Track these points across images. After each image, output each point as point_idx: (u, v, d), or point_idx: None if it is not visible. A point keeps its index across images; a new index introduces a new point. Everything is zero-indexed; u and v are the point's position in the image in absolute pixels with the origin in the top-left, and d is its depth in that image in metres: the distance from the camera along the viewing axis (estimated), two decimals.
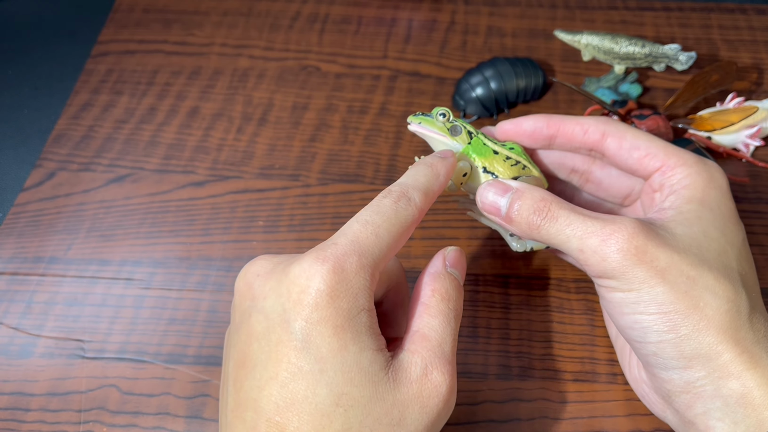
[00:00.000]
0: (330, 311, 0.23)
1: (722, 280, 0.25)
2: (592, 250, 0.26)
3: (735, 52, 0.50)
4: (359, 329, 0.23)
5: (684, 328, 0.24)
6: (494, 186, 0.29)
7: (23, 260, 0.40)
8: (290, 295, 0.23)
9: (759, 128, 0.42)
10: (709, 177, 0.28)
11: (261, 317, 0.24)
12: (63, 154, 0.45)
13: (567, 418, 0.33)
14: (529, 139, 0.32)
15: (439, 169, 0.28)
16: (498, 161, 0.31)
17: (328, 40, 0.52)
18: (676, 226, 0.26)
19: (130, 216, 0.42)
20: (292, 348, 0.23)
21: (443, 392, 0.24)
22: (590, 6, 0.54)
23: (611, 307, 0.27)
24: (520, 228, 0.28)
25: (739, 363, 0.24)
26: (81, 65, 0.51)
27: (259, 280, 0.25)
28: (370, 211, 0.25)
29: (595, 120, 0.31)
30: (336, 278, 0.23)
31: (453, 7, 0.54)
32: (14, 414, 0.34)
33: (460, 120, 0.31)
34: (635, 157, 0.30)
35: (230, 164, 0.44)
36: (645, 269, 0.25)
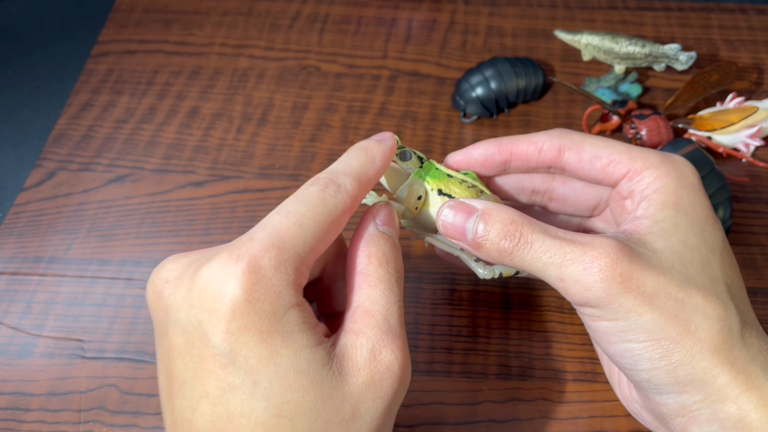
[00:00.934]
0: (251, 317, 0.20)
1: (711, 297, 0.24)
2: (574, 279, 0.24)
3: (735, 52, 0.50)
4: (289, 329, 0.21)
5: (677, 354, 0.23)
6: (456, 207, 0.26)
7: (23, 260, 0.40)
8: (203, 304, 0.21)
9: (759, 128, 0.42)
10: (679, 176, 0.26)
11: (178, 330, 0.21)
12: (63, 154, 0.45)
13: (567, 418, 0.33)
14: (482, 167, 0.30)
15: (375, 153, 0.26)
16: (453, 184, 0.28)
17: (328, 40, 0.52)
18: (656, 240, 0.25)
19: (130, 216, 0.42)
20: (218, 364, 0.20)
21: (396, 371, 0.23)
22: (590, 6, 0.54)
23: (598, 335, 0.25)
24: (489, 255, 0.26)
25: (735, 386, 0.23)
26: (81, 65, 0.51)
27: (168, 288, 0.22)
28: (293, 200, 0.23)
29: (548, 135, 0.29)
30: (252, 279, 0.21)
31: (453, 7, 0.54)
32: (14, 414, 0.34)
33: (408, 148, 0.29)
34: (598, 167, 0.28)
35: (230, 164, 0.44)
36: (632, 297, 0.23)
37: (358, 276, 0.24)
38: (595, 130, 0.44)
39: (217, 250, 0.22)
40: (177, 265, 0.23)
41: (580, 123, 0.45)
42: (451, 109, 0.47)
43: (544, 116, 0.46)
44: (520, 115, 0.46)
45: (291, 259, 0.22)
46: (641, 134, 0.41)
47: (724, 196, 0.38)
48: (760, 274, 0.38)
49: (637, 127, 0.41)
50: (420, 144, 0.45)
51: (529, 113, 0.46)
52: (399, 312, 0.24)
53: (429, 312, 0.36)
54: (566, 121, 0.46)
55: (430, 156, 0.44)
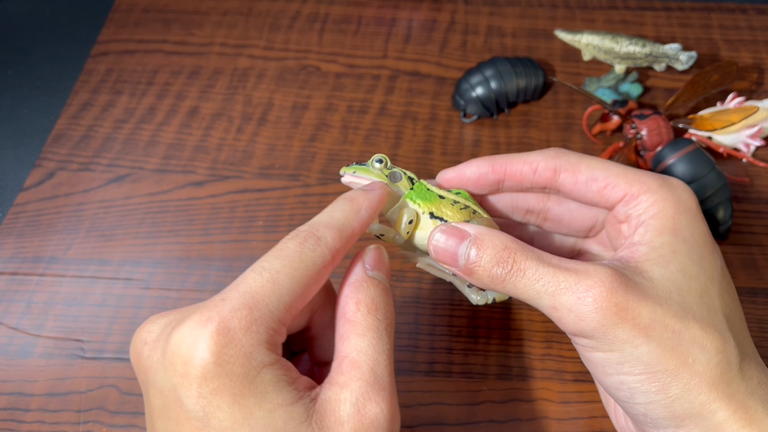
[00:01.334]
0: (222, 380, 0.20)
1: (709, 329, 0.23)
2: (567, 309, 0.23)
3: (735, 51, 0.50)
4: (263, 389, 0.21)
5: (674, 388, 0.23)
6: (448, 231, 0.26)
7: (23, 260, 0.40)
8: (176, 368, 0.21)
9: (759, 128, 0.42)
10: (677, 201, 0.26)
11: (156, 392, 0.21)
12: (63, 153, 0.45)
13: (567, 418, 0.33)
14: (474, 186, 0.29)
15: (361, 203, 0.25)
16: (445, 205, 0.28)
17: (328, 40, 0.52)
18: (653, 267, 0.24)
19: (129, 216, 0.41)
20: (194, 427, 0.20)
21: (382, 425, 0.22)
22: (590, 6, 0.54)
23: (593, 367, 0.25)
24: (481, 281, 0.25)
25: (734, 421, 0.23)
26: (81, 65, 0.51)
27: (146, 350, 0.22)
28: (270, 255, 0.23)
29: (543, 156, 0.28)
30: (222, 341, 0.20)
31: (453, 6, 0.54)
32: (13, 414, 0.34)
33: (398, 168, 0.29)
34: (594, 189, 0.27)
35: (230, 164, 0.44)
36: (627, 329, 0.23)
37: (345, 324, 0.24)
38: (596, 130, 0.44)
39: (192, 310, 0.22)
40: (155, 326, 0.23)
41: (580, 123, 0.45)
42: (451, 109, 0.47)
43: (545, 116, 0.46)
44: (520, 115, 0.46)
45: (263, 318, 0.21)
46: (641, 134, 0.41)
47: (724, 196, 0.37)
48: (761, 274, 0.38)
49: (637, 127, 0.41)
50: (420, 144, 0.45)
51: (530, 113, 0.46)
52: (388, 362, 0.23)
53: (429, 312, 0.36)
54: (566, 121, 0.46)
55: (429, 156, 0.44)
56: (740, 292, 0.37)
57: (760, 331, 0.35)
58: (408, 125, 0.46)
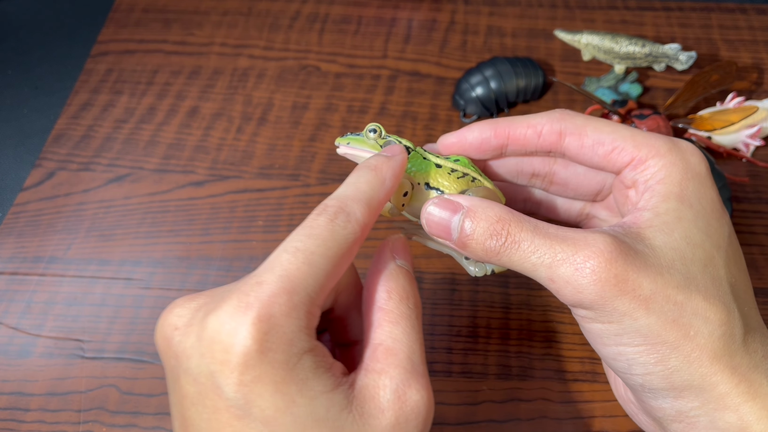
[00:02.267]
0: (264, 368, 0.20)
1: (713, 300, 0.23)
2: (565, 281, 0.23)
3: (735, 51, 0.50)
4: (304, 376, 0.20)
5: (674, 360, 0.22)
6: (441, 204, 0.25)
7: (23, 260, 0.40)
8: (214, 355, 0.20)
9: (759, 128, 0.42)
10: (685, 166, 0.25)
11: (190, 380, 0.21)
12: (63, 153, 0.45)
13: (567, 418, 0.33)
14: (477, 151, 0.28)
15: (385, 173, 0.24)
16: (442, 175, 0.27)
17: (328, 40, 0.52)
18: (656, 234, 0.23)
19: (129, 216, 0.41)
20: (233, 416, 0.20)
21: (422, 412, 0.21)
22: (590, 6, 0.54)
23: (591, 336, 0.24)
24: (475, 254, 0.24)
25: (737, 395, 0.22)
26: (81, 65, 0.51)
27: (177, 335, 0.21)
28: (302, 234, 0.22)
29: (548, 117, 0.27)
30: (264, 328, 0.20)
31: (453, 6, 0.54)
32: (13, 414, 0.34)
33: (393, 136, 0.28)
34: (600, 153, 0.26)
35: (230, 164, 0.44)
36: (627, 300, 0.22)
37: (377, 312, 0.23)
38: None
39: (225, 293, 0.21)
40: (185, 311, 0.22)
41: None
42: (451, 109, 0.47)
43: None
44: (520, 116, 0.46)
45: (302, 302, 0.21)
46: None
47: (724, 196, 0.38)
48: (761, 274, 0.38)
49: (637, 127, 0.41)
50: (420, 144, 0.45)
51: (529, 113, 0.46)
52: (421, 350, 0.23)
53: (429, 312, 0.36)
54: None
55: None
56: None
57: None
58: (408, 125, 0.46)
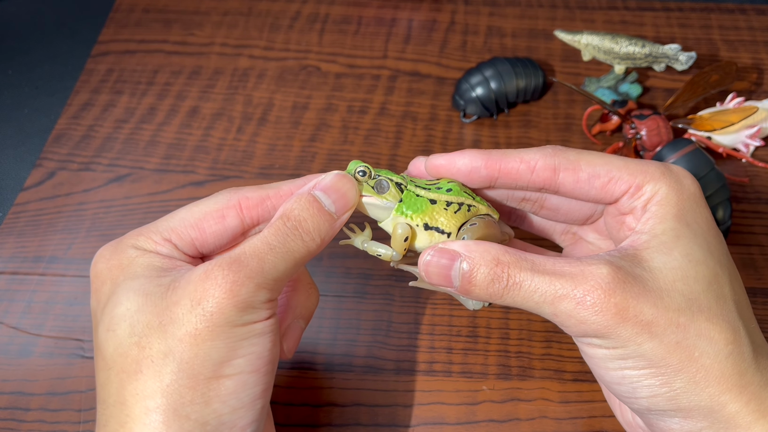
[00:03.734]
0: (106, 273, 0.25)
1: (717, 320, 0.23)
2: (568, 315, 0.23)
3: (735, 52, 0.50)
4: (134, 271, 0.25)
5: (679, 382, 0.22)
6: (438, 254, 0.25)
7: (23, 260, 0.40)
8: (91, 277, 0.27)
9: (759, 128, 0.42)
10: (680, 188, 0.25)
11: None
12: (63, 153, 0.45)
13: (567, 418, 0.33)
14: (465, 178, 0.28)
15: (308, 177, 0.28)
16: (438, 212, 0.27)
17: (328, 40, 0.52)
18: (653, 256, 0.24)
19: (130, 215, 0.42)
20: (93, 314, 0.26)
21: (220, 282, 0.23)
22: (590, 6, 0.54)
23: (594, 362, 0.25)
24: (480, 298, 0.25)
25: (747, 414, 0.22)
26: (81, 65, 0.51)
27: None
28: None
29: (541, 154, 0.26)
30: (110, 248, 0.26)
31: (453, 7, 0.54)
32: (14, 413, 0.34)
33: (383, 172, 0.27)
34: (597, 186, 0.26)
35: (230, 164, 0.44)
36: (629, 327, 0.22)
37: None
38: (595, 130, 0.44)
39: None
40: None
41: (579, 123, 0.45)
42: (451, 109, 0.47)
43: (544, 116, 0.46)
44: (520, 115, 0.46)
45: (146, 231, 0.26)
46: (641, 134, 0.41)
47: (723, 196, 0.38)
48: (760, 274, 0.38)
49: (636, 127, 0.41)
50: (420, 144, 0.45)
51: (529, 113, 0.46)
52: (270, 254, 0.24)
53: (429, 312, 0.36)
54: (566, 122, 0.46)
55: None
56: None
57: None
58: (408, 125, 0.46)
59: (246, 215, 0.27)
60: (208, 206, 0.27)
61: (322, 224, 0.25)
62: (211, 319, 0.23)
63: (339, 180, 0.26)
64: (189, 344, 0.23)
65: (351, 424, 0.33)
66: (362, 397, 0.34)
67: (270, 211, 0.27)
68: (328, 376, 0.34)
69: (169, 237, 0.26)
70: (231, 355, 0.23)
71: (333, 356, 0.35)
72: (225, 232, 0.27)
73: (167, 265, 0.25)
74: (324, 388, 0.34)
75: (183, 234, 0.26)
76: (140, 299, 0.24)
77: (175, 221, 0.26)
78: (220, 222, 0.26)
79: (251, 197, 0.27)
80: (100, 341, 0.24)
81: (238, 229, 0.27)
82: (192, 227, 0.26)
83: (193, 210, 0.27)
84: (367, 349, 0.35)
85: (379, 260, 0.28)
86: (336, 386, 0.34)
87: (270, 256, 0.24)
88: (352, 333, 0.36)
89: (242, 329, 0.23)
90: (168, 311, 0.23)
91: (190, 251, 0.26)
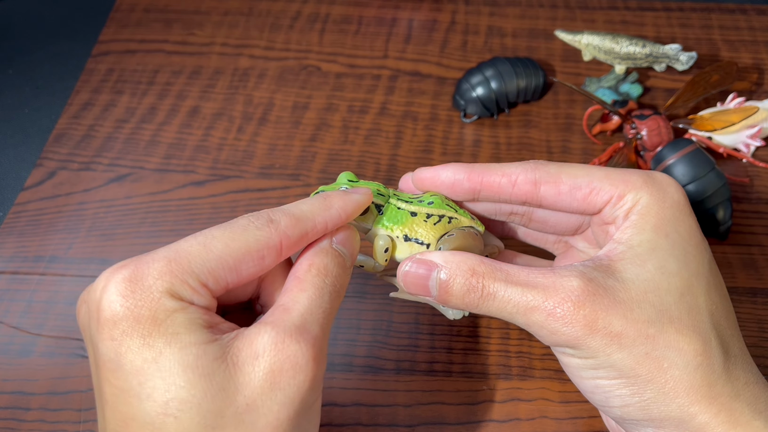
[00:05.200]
0: (130, 323, 0.21)
1: (686, 332, 0.23)
2: (539, 326, 0.24)
3: (735, 52, 0.50)
4: (174, 330, 0.21)
5: (649, 392, 0.23)
6: (416, 264, 0.25)
7: (24, 259, 0.40)
8: (91, 313, 0.21)
9: (759, 128, 0.42)
10: (662, 195, 0.25)
11: (87, 345, 0.22)
12: (64, 153, 0.45)
13: (567, 418, 0.33)
14: (449, 191, 0.28)
15: (333, 202, 0.25)
16: (418, 224, 0.27)
17: (329, 40, 0.52)
18: (627, 267, 0.24)
19: (130, 215, 0.42)
20: (108, 370, 0.21)
21: (300, 363, 0.21)
22: (591, 6, 0.54)
23: (569, 371, 0.25)
24: (456, 307, 0.25)
25: (717, 425, 0.22)
26: (82, 65, 0.51)
27: (82, 307, 0.23)
28: (219, 225, 0.23)
29: (522, 168, 0.27)
30: (130, 286, 0.21)
31: (453, 7, 0.54)
32: (14, 413, 0.34)
33: (372, 184, 0.28)
34: (579, 197, 0.26)
35: (231, 164, 0.44)
36: (599, 338, 0.23)
37: (292, 281, 0.24)
38: (596, 130, 0.44)
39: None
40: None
41: (580, 123, 0.45)
42: (452, 109, 0.47)
43: (545, 116, 0.46)
44: (521, 115, 0.46)
45: (180, 271, 0.21)
46: (641, 134, 0.41)
47: (724, 196, 0.38)
48: (760, 274, 0.38)
49: (637, 128, 0.41)
50: (420, 144, 0.45)
51: (530, 113, 0.46)
52: (323, 317, 0.23)
53: (429, 312, 0.37)
54: (566, 122, 0.46)
55: (429, 156, 0.44)
56: (740, 292, 0.37)
57: (759, 331, 0.35)
58: (408, 125, 0.46)
59: (284, 254, 0.24)
60: (247, 243, 0.23)
61: (346, 278, 0.25)
62: (293, 407, 0.21)
63: (353, 235, 0.26)
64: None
65: (351, 424, 0.33)
66: (362, 396, 0.34)
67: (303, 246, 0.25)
68: (329, 375, 0.34)
69: (206, 281, 0.22)
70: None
71: (333, 356, 0.35)
72: (260, 272, 0.24)
73: (208, 321, 0.22)
74: (324, 388, 0.34)
75: (220, 277, 0.22)
76: (204, 382, 0.20)
77: (213, 261, 0.22)
78: (259, 264, 0.23)
79: (292, 236, 0.24)
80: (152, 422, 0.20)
81: (272, 267, 0.24)
82: (231, 270, 0.22)
83: (231, 247, 0.22)
84: (368, 349, 0.35)
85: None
86: (336, 386, 0.34)
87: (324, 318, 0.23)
88: (352, 333, 0.36)
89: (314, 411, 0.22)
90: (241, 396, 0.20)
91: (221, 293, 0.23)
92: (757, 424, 0.23)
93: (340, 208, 0.25)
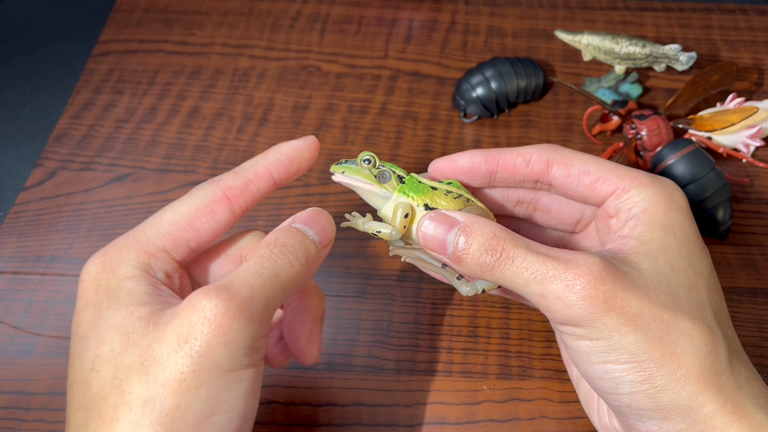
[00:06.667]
0: (91, 294, 0.24)
1: (698, 321, 0.23)
2: (555, 297, 0.23)
3: (735, 52, 0.50)
4: (117, 296, 0.23)
5: (660, 378, 0.23)
6: (437, 219, 0.25)
7: (24, 259, 0.40)
8: (78, 290, 0.25)
9: (759, 129, 0.42)
10: (669, 197, 0.26)
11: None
12: (64, 153, 0.45)
13: (567, 418, 0.33)
14: (467, 175, 0.29)
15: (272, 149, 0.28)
16: (439, 196, 0.27)
17: (329, 40, 0.52)
18: (641, 260, 0.24)
19: (130, 215, 0.42)
20: (75, 337, 0.24)
21: (208, 315, 0.21)
22: (591, 6, 0.54)
23: (577, 356, 0.25)
24: (469, 269, 0.25)
25: (723, 414, 0.22)
26: (82, 65, 0.51)
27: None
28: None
29: (536, 148, 0.28)
30: (96, 262, 0.24)
31: (453, 7, 0.54)
32: (15, 413, 0.34)
33: (388, 164, 0.28)
34: (586, 182, 0.27)
35: (231, 164, 0.44)
36: (615, 316, 0.23)
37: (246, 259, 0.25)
38: (596, 131, 0.44)
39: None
40: None
41: (580, 123, 0.46)
42: (452, 109, 0.47)
43: (545, 116, 0.46)
44: (521, 115, 0.46)
45: (137, 242, 0.24)
46: (641, 134, 0.41)
47: (724, 196, 0.38)
48: (760, 274, 0.38)
49: (637, 128, 0.41)
50: (420, 144, 0.45)
51: (530, 113, 0.46)
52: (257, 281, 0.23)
53: (429, 312, 0.37)
54: (566, 122, 0.46)
55: (429, 156, 0.44)
56: (740, 292, 0.37)
57: (759, 331, 0.35)
58: (408, 125, 0.46)
59: (235, 205, 0.26)
60: (194, 204, 0.26)
61: (309, 248, 0.25)
62: (199, 361, 0.21)
63: (317, 214, 0.26)
64: (172, 391, 0.21)
65: (351, 424, 0.33)
66: (362, 396, 0.34)
67: (255, 194, 0.27)
68: (329, 375, 0.34)
69: (163, 245, 0.25)
70: (213, 410, 0.22)
71: (333, 356, 0.35)
72: (218, 227, 0.26)
73: (152, 289, 0.24)
74: (324, 388, 0.34)
75: (178, 238, 0.25)
76: (123, 339, 0.22)
77: (166, 226, 0.25)
78: (212, 217, 0.26)
79: (234, 185, 0.26)
80: (84, 378, 0.22)
81: (230, 220, 0.26)
82: (186, 228, 0.25)
83: (181, 210, 0.26)
84: (368, 349, 0.35)
85: (380, 260, 0.28)
86: (336, 386, 0.34)
87: (258, 282, 0.23)
88: (352, 333, 0.36)
89: (229, 376, 0.22)
90: (150, 350, 0.22)
91: (185, 254, 0.26)
92: (759, 417, 0.23)
93: (279, 152, 0.27)
